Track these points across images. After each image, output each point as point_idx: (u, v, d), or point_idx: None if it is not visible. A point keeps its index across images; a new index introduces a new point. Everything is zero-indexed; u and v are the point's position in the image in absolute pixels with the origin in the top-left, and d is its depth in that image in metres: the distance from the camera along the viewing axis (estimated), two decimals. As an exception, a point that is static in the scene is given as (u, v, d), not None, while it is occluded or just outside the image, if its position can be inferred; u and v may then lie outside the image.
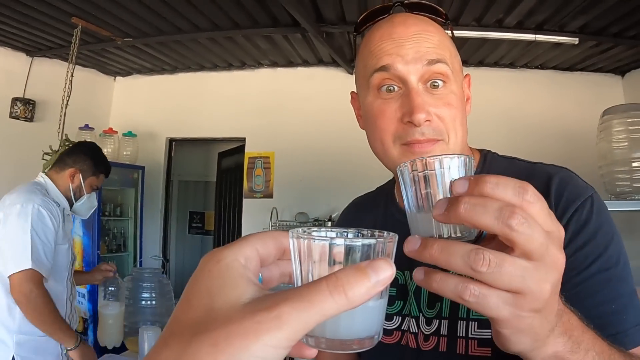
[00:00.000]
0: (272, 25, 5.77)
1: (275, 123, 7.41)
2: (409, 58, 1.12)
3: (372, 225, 1.40)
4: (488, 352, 1.07)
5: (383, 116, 1.16)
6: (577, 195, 1.08)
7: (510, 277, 0.61)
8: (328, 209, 7.04)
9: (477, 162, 1.29)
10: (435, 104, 1.12)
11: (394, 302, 1.25)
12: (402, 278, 1.26)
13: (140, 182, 7.21)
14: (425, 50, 1.12)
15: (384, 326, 1.13)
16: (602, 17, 5.13)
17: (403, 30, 1.15)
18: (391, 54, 1.14)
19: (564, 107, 6.78)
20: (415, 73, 1.12)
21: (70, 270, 3.25)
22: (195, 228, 10.81)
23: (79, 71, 5.97)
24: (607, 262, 1.01)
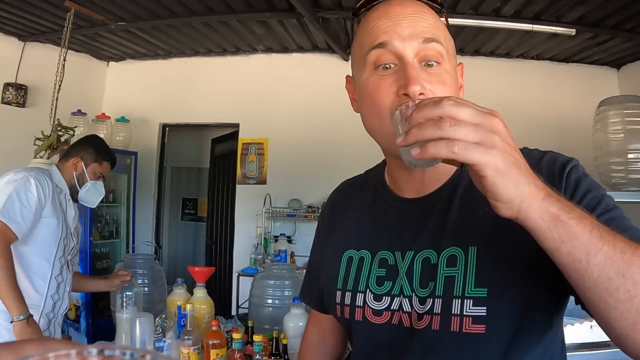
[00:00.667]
0: (268, 10, 5.73)
1: (269, 109, 7.38)
2: (405, 35, 1.14)
3: (360, 206, 1.43)
4: (482, 329, 1.08)
5: (378, 90, 1.16)
6: (567, 162, 1.15)
7: (468, 132, 0.82)
8: (322, 195, 7.01)
9: None
10: (430, 81, 1.13)
11: (383, 282, 1.26)
12: (391, 259, 1.27)
13: (133, 168, 7.18)
14: (421, 30, 1.15)
15: (374, 307, 1.25)
16: (599, 9, 5.12)
17: (400, 10, 1.17)
18: (388, 31, 1.15)
19: (559, 98, 6.79)
20: (412, 49, 1.14)
21: (65, 252, 3.22)
22: (188, 215, 10.78)
23: (71, 56, 5.92)
24: (607, 207, 1.07)
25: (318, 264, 1.51)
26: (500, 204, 0.87)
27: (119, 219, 7.18)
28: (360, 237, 1.36)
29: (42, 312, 3.07)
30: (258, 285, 3.44)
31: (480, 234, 1.13)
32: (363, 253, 1.33)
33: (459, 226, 1.17)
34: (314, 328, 1.67)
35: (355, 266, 1.33)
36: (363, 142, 6.42)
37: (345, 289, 1.32)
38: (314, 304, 1.61)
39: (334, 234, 1.48)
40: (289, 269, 3.61)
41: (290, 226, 7.22)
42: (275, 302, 3.32)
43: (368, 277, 1.29)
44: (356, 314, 1.28)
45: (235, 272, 6.67)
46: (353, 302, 1.29)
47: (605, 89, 6.45)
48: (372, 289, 1.27)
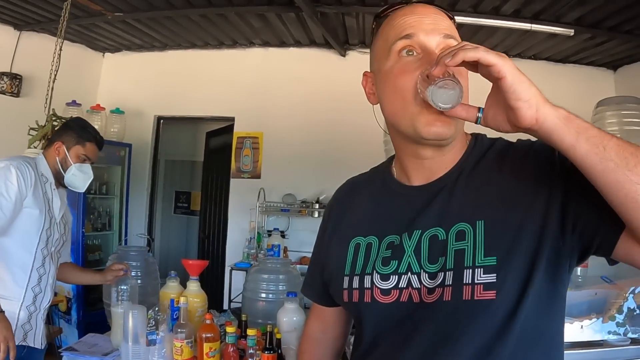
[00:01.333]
0: (267, 3, 5.73)
1: (265, 103, 7.38)
2: (429, 29, 1.26)
3: (366, 198, 1.50)
4: (493, 294, 1.15)
5: (404, 74, 1.24)
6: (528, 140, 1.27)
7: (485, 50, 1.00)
8: (316, 190, 7.02)
9: (469, 142, 1.39)
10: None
11: (389, 262, 1.31)
12: (397, 240, 1.33)
13: (127, 160, 7.15)
14: (442, 27, 1.28)
15: (381, 287, 1.30)
16: (598, 10, 5.14)
17: (423, 10, 1.31)
18: (414, 26, 1.26)
19: (555, 98, 6.55)
20: (434, 42, 1.25)
21: (48, 243, 3.17)
22: (181, 208, 10.75)
23: (67, 46, 5.90)
24: None
25: (323, 257, 1.55)
26: (522, 103, 1.00)
27: (112, 211, 7.15)
28: (367, 224, 1.42)
29: (22, 305, 3.01)
30: (252, 279, 3.42)
31: (486, 208, 1.22)
32: (371, 239, 1.39)
33: (465, 203, 1.26)
34: (316, 322, 1.71)
35: (363, 252, 1.38)
36: (358, 138, 6.44)
37: (353, 273, 1.37)
38: (316, 297, 1.65)
39: (340, 225, 1.52)
40: (284, 264, 3.59)
41: (283, 221, 7.21)
42: (269, 297, 3.30)
43: (375, 260, 1.34)
44: (365, 295, 1.32)
45: (227, 266, 6.66)
46: (361, 285, 1.34)
47: (601, 90, 6.49)
48: (378, 270, 1.32)
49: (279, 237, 6.71)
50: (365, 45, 7.07)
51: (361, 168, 1.68)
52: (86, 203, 6.36)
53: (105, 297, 3.64)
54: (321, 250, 1.59)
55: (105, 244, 6.92)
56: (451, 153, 1.33)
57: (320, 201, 6.87)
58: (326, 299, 1.56)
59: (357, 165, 1.60)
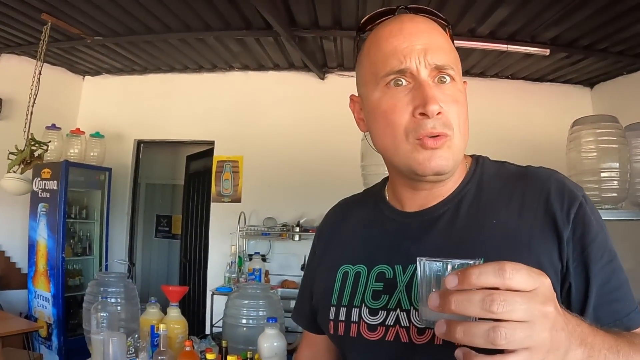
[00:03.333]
0: (245, 28, 5.74)
1: (244, 127, 7.39)
2: (421, 59, 1.13)
3: (357, 222, 1.42)
4: None
5: (394, 110, 1.15)
6: (575, 196, 1.15)
7: (520, 340, 0.74)
8: (296, 214, 7.02)
9: (469, 165, 1.31)
10: (445, 100, 1.13)
11: (380, 296, 1.24)
12: (390, 272, 1.25)
13: (107, 184, 7.11)
14: (436, 52, 1.15)
15: (369, 322, 1.22)
16: (573, 30, 5.23)
17: (412, 26, 1.18)
18: (405, 54, 1.14)
19: (533, 117, 6.88)
20: (427, 68, 1.13)
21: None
22: (162, 232, 10.71)
23: (47, 69, 5.88)
24: (610, 254, 1.13)
25: (311, 282, 1.48)
26: None
27: (92, 236, 7.09)
28: (356, 251, 1.35)
29: None
30: (232, 305, 3.41)
31: (489, 247, 1.13)
32: (359, 268, 1.31)
33: (466, 239, 1.18)
34: (306, 349, 1.61)
35: (351, 281, 1.31)
36: (338, 161, 6.44)
37: (340, 304, 1.29)
38: (306, 324, 1.55)
39: (329, 250, 1.45)
40: (264, 289, 3.57)
41: (264, 244, 7.18)
42: (250, 322, 3.29)
43: (364, 292, 1.26)
44: (351, 330, 1.25)
45: (209, 291, 6.61)
46: (348, 318, 1.26)
47: (578, 107, 6.67)
48: (367, 304, 1.24)
49: (260, 261, 6.68)
50: (344, 68, 7.12)
51: (340, 191, 1.66)
52: (66, 227, 6.32)
53: (85, 324, 3.61)
54: (309, 276, 1.52)
55: (86, 268, 6.86)
56: (450, 180, 1.24)
57: (300, 224, 6.87)
58: (316, 326, 1.45)
59: (336, 188, 1.59)
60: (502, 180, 1.25)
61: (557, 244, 1.11)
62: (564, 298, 1.10)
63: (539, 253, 1.10)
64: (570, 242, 1.10)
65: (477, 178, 1.27)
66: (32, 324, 5.68)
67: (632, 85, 6.31)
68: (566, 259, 1.10)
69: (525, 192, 1.18)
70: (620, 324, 1.06)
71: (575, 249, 1.10)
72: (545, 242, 1.11)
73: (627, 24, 4.96)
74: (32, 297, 6.40)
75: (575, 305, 1.09)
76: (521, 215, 1.15)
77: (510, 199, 1.19)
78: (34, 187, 6.23)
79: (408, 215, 1.29)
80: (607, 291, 1.09)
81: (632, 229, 4.56)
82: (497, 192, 1.22)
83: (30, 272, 6.44)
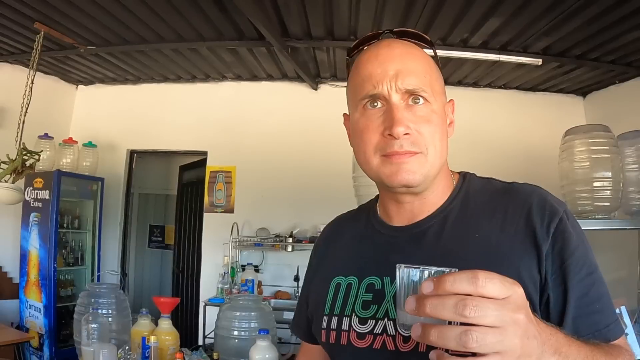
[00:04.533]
0: (237, 38, 5.75)
1: (237, 137, 7.39)
2: (391, 77, 1.22)
3: (350, 236, 1.51)
4: None
5: (367, 130, 1.26)
6: (556, 211, 1.21)
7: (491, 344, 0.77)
8: (289, 225, 7.02)
9: (456, 182, 1.39)
10: (415, 120, 1.22)
11: (369, 306, 1.31)
12: (379, 284, 1.32)
13: (99, 194, 7.09)
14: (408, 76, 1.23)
15: (358, 330, 1.29)
16: (565, 39, 5.25)
17: (387, 52, 1.27)
18: (377, 79, 1.23)
19: (526, 126, 6.90)
20: (398, 92, 1.22)
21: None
22: (155, 242, 10.68)
23: (40, 78, 5.87)
24: (590, 267, 1.17)
25: (307, 293, 1.57)
26: None
27: (85, 246, 7.06)
28: (348, 264, 1.42)
29: None
30: (224, 317, 3.40)
31: (471, 260, 1.18)
32: (351, 279, 1.38)
33: (451, 252, 1.24)
34: (303, 359, 1.68)
35: (342, 292, 1.38)
36: (331, 172, 6.43)
37: (332, 313, 1.37)
38: (303, 335, 1.63)
39: (324, 263, 1.53)
40: (255, 300, 3.56)
41: (257, 255, 7.16)
42: (242, 334, 3.28)
43: (354, 302, 1.33)
44: (342, 338, 1.32)
45: (202, 302, 6.59)
46: (339, 326, 1.33)
47: (571, 116, 6.71)
48: (357, 313, 1.31)
49: (252, 271, 6.67)
50: (337, 79, 7.13)
51: (333, 201, 1.69)
52: (58, 237, 6.29)
53: (75, 335, 3.60)
54: (306, 288, 1.60)
55: (78, 278, 6.83)
56: (433, 195, 1.32)
57: (293, 235, 6.86)
58: (312, 336, 1.53)
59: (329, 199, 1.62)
60: (487, 196, 1.32)
61: (537, 257, 1.16)
62: (543, 309, 1.15)
63: (518, 265, 1.16)
64: (550, 255, 1.16)
65: (463, 194, 1.35)
66: (23, 335, 5.66)
67: (624, 93, 6.35)
68: (545, 271, 1.15)
69: (508, 207, 1.25)
70: (600, 335, 1.12)
71: (555, 262, 1.15)
72: (525, 255, 1.17)
73: (618, 33, 4.99)
74: (23, 307, 6.37)
75: (554, 316, 1.14)
76: (503, 229, 1.22)
77: (493, 214, 1.26)
78: (25, 197, 6.21)
79: (397, 230, 1.36)
80: (586, 303, 1.14)
81: (625, 238, 4.58)
82: (481, 207, 1.30)
83: (21, 281, 6.41)
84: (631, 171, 3.91)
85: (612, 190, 3.71)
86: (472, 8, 4.70)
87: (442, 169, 1.30)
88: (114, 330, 3.44)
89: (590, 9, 4.51)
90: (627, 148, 3.96)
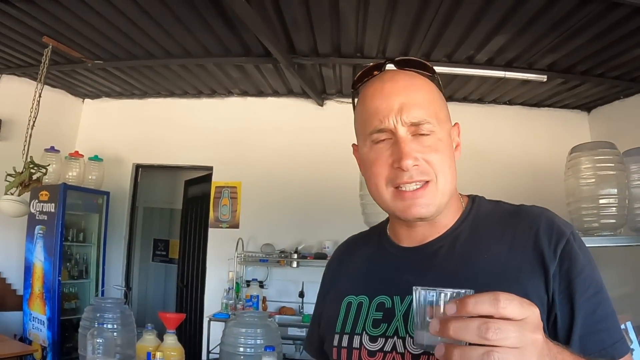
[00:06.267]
0: (244, 55, 5.78)
1: (243, 153, 7.40)
2: (397, 111, 1.26)
3: (362, 257, 1.53)
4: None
5: (377, 163, 1.30)
6: (563, 233, 1.23)
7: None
8: (295, 241, 7.01)
9: (465, 204, 1.43)
10: (423, 150, 1.25)
11: (379, 324, 1.32)
12: (389, 303, 1.34)
13: (104, 208, 7.09)
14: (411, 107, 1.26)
15: (369, 348, 1.31)
16: (570, 56, 5.27)
17: (391, 86, 1.30)
18: (384, 114, 1.27)
19: (531, 142, 6.92)
20: (404, 125, 1.26)
21: None
22: (160, 256, 10.67)
23: (47, 91, 5.89)
24: (597, 286, 1.20)
25: (320, 312, 1.58)
26: None
27: (89, 259, 7.06)
28: (360, 283, 1.44)
29: None
30: (230, 333, 3.39)
31: (480, 280, 1.20)
32: (362, 298, 1.40)
33: (460, 272, 1.27)
34: None
35: (354, 310, 1.39)
36: (336, 188, 6.42)
37: (343, 332, 1.38)
38: (315, 353, 1.63)
39: (336, 283, 1.55)
40: (261, 317, 3.55)
41: (262, 271, 7.15)
42: (247, 350, 3.27)
43: (365, 320, 1.35)
44: (353, 355, 1.33)
45: (206, 317, 6.58)
46: (350, 344, 1.35)
47: (576, 132, 6.74)
48: (368, 331, 1.33)
49: (257, 287, 6.67)
50: (343, 95, 7.15)
51: (339, 218, 1.72)
52: (63, 250, 6.29)
53: (80, 349, 3.58)
54: (318, 307, 1.61)
55: (82, 292, 6.83)
56: (444, 217, 1.35)
57: (299, 251, 6.85)
58: (324, 354, 1.53)
59: (335, 216, 1.62)
60: (496, 218, 1.35)
61: (544, 277, 1.19)
62: (550, 328, 1.17)
63: (526, 286, 1.18)
64: (557, 276, 1.19)
65: (472, 216, 1.38)
66: (26, 347, 5.64)
67: (629, 109, 6.37)
68: (552, 291, 1.18)
69: (517, 229, 1.28)
70: (606, 353, 1.13)
71: (562, 282, 1.18)
72: (533, 276, 1.20)
73: (623, 50, 5.01)
74: (27, 320, 6.36)
75: (562, 334, 1.16)
76: (512, 250, 1.25)
77: (502, 235, 1.28)
78: (31, 209, 6.21)
79: (407, 250, 1.39)
80: (593, 322, 1.16)
81: (631, 254, 4.56)
82: (490, 229, 1.33)
83: (25, 294, 6.40)
84: (636, 187, 3.91)
85: (617, 207, 3.71)
86: (478, 26, 4.72)
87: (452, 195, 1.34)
88: (119, 344, 3.42)
89: (595, 26, 4.53)
90: (633, 164, 3.96)
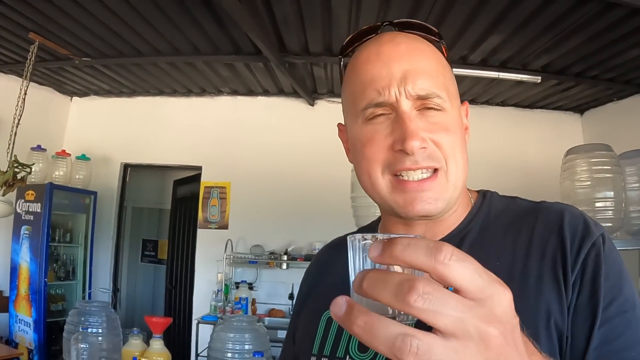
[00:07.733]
0: (234, 53, 5.71)
1: (232, 152, 7.35)
2: (399, 81, 0.99)
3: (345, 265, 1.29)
4: None
5: (371, 144, 1.03)
6: (590, 234, 0.98)
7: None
8: (284, 242, 6.96)
9: (474, 201, 1.17)
10: (431, 129, 1.00)
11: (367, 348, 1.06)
12: None
13: (92, 208, 7.02)
14: (416, 76, 1.00)
15: None
16: (564, 57, 5.26)
17: (391, 49, 1.03)
18: (382, 84, 1.00)
19: (524, 143, 6.93)
20: (408, 98, 0.99)
21: None
22: (148, 256, 10.59)
23: (34, 89, 5.82)
24: (624, 304, 0.93)
25: (295, 325, 1.32)
26: None
27: (76, 260, 6.97)
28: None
29: None
30: (217, 338, 3.33)
31: None
32: None
33: None
34: None
35: (334, 329, 1.15)
36: (326, 188, 6.37)
37: (322, 354, 1.14)
38: None
39: (315, 293, 1.29)
40: (250, 322, 3.48)
41: (251, 272, 7.10)
42: (235, 356, 3.21)
43: (348, 342, 1.11)
44: None
45: (194, 319, 6.51)
46: None
47: (569, 133, 6.79)
48: (352, 355, 1.09)
49: (246, 289, 6.61)
50: (334, 95, 7.11)
51: (329, 219, 1.61)
52: (49, 251, 6.21)
53: (65, 354, 3.52)
54: (295, 318, 1.35)
55: (69, 293, 6.75)
56: (450, 215, 1.11)
57: (288, 252, 6.81)
58: None
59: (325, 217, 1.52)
60: (511, 217, 1.10)
61: (564, 286, 0.94)
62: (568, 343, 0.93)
63: (549, 299, 0.94)
64: (578, 285, 0.94)
65: (482, 215, 1.13)
66: (12, 350, 5.57)
67: (622, 111, 6.41)
68: (569, 303, 0.94)
69: (535, 228, 1.03)
70: None
71: (582, 293, 0.93)
72: (555, 285, 0.95)
73: (617, 52, 5.00)
74: (13, 322, 6.27)
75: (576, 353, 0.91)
76: (529, 255, 1.00)
77: (517, 238, 1.04)
78: (17, 209, 6.13)
79: None
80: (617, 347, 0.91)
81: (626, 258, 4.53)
82: (503, 231, 1.07)
83: (11, 295, 6.32)
84: (633, 190, 3.88)
85: (614, 210, 3.68)
86: (472, 26, 4.68)
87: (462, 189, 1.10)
88: (104, 349, 3.36)
89: (589, 28, 4.51)
90: (629, 167, 3.93)
